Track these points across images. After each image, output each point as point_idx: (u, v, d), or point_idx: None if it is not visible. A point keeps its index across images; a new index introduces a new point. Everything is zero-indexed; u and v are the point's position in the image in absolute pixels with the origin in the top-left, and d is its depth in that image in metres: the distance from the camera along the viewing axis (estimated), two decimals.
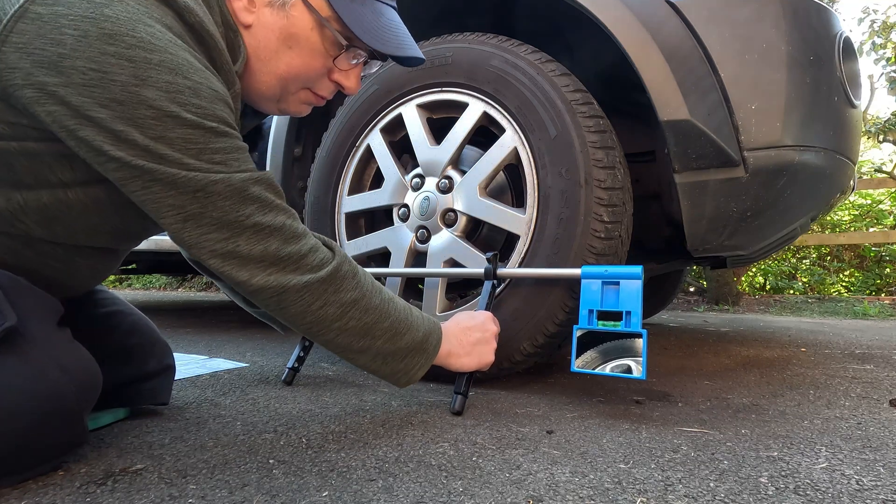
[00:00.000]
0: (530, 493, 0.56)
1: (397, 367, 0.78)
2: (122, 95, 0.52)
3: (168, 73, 0.54)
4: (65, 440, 0.61)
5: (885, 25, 5.67)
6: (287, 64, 0.69)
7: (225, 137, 0.59)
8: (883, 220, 6.04)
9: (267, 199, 0.63)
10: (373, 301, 0.73)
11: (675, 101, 0.99)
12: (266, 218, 0.63)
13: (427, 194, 1.19)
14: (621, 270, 0.90)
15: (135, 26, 0.53)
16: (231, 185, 0.60)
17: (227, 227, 0.60)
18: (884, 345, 1.87)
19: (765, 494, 0.56)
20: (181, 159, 0.56)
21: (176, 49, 0.55)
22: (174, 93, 0.55)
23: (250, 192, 0.61)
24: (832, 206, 1.29)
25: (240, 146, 0.62)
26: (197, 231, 0.60)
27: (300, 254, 0.66)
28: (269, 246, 0.63)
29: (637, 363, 0.85)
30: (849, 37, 1.10)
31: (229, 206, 0.60)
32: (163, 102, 0.54)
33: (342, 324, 0.70)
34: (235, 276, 0.63)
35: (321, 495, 0.55)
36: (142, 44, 0.53)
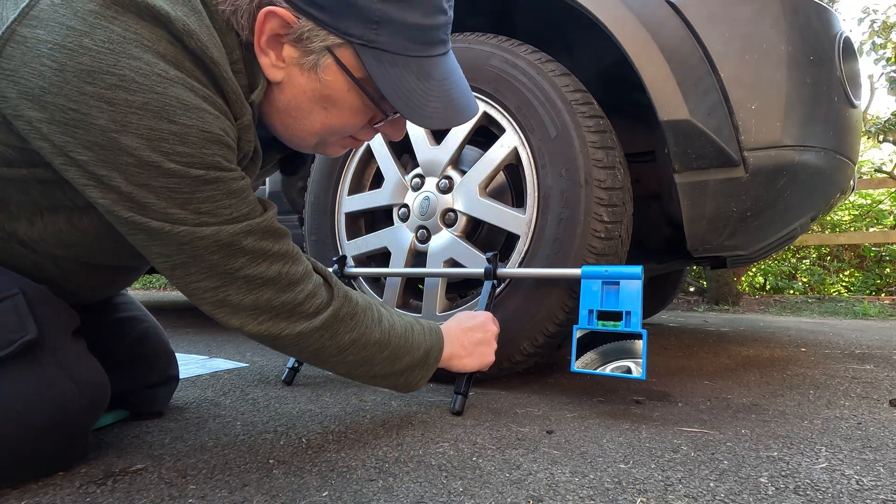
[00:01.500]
0: (530, 493, 0.56)
1: (397, 382, 0.79)
2: (102, 140, 0.48)
3: (151, 118, 0.48)
4: (67, 453, 0.62)
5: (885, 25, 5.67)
6: (322, 123, 0.63)
7: (215, 184, 0.53)
8: (883, 220, 6.04)
9: (260, 249, 0.59)
10: (372, 337, 0.71)
11: (675, 101, 0.99)
12: (258, 269, 0.59)
13: (427, 194, 1.19)
14: (621, 270, 0.90)
15: (117, 61, 0.47)
16: (219, 241, 0.55)
17: (218, 277, 0.57)
18: (884, 345, 1.87)
19: (765, 494, 0.56)
20: (166, 209, 0.52)
21: (164, 86, 0.49)
22: (157, 140, 0.49)
23: (240, 246, 0.57)
24: (832, 206, 1.29)
25: (233, 190, 0.55)
26: (186, 278, 0.57)
27: (295, 302, 0.62)
28: (262, 296, 0.60)
29: (637, 363, 0.85)
30: (849, 37, 1.10)
31: (218, 259, 0.56)
32: (143, 151, 0.49)
33: (340, 358, 0.70)
34: (227, 322, 0.61)
35: (321, 495, 0.55)
36: (123, 83, 0.47)
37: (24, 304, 0.57)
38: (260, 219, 0.59)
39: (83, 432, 0.62)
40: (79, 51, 0.46)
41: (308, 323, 0.64)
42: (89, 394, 0.61)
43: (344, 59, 0.57)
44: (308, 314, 0.64)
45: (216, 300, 0.59)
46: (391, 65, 0.57)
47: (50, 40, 0.46)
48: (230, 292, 0.59)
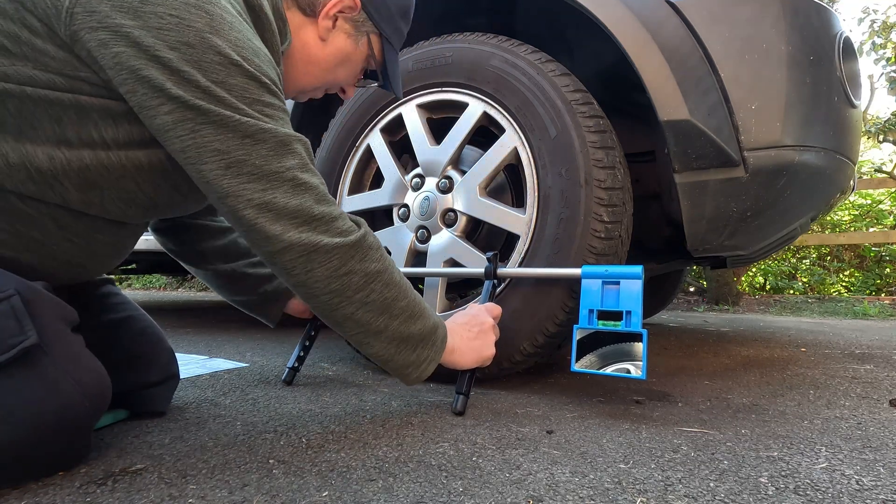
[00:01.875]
0: (530, 493, 0.56)
1: (409, 359, 0.77)
2: (194, 39, 0.57)
3: (237, 32, 0.61)
4: (71, 454, 0.62)
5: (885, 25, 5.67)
6: (335, 74, 0.88)
7: (275, 96, 0.65)
8: (883, 220, 6.04)
9: (307, 159, 0.68)
10: (394, 276, 0.74)
11: (675, 101, 0.99)
12: (304, 175, 0.66)
13: (427, 194, 1.19)
14: (622, 270, 0.90)
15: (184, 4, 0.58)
16: (278, 137, 0.63)
17: (267, 177, 0.63)
18: (884, 345, 1.87)
19: (765, 494, 0.56)
20: (236, 104, 0.60)
21: (241, 20, 0.64)
22: (241, 47, 0.61)
23: (293, 148, 0.65)
24: (832, 206, 1.29)
25: (284, 108, 0.67)
26: (237, 179, 0.61)
27: (332, 216, 0.68)
28: (305, 202, 0.65)
29: (637, 363, 0.85)
30: (849, 37, 1.10)
31: (273, 156, 0.63)
32: (230, 51, 0.60)
33: (364, 295, 0.70)
34: (268, 229, 0.63)
35: (321, 495, 0.55)
36: (219, 4, 0.60)
37: (22, 306, 0.57)
38: (303, 137, 0.68)
39: (86, 433, 0.62)
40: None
41: (343, 239, 0.68)
42: (91, 394, 0.60)
43: (373, 41, 0.88)
44: (342, 231, 0.68)
45: (263, 202, 0.63)
46: (391, 52, 0.90)
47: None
48: (277, 194, 0.63)
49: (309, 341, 1.14)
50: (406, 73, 1.25)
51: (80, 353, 0.62)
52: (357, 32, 0.84)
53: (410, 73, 1.25)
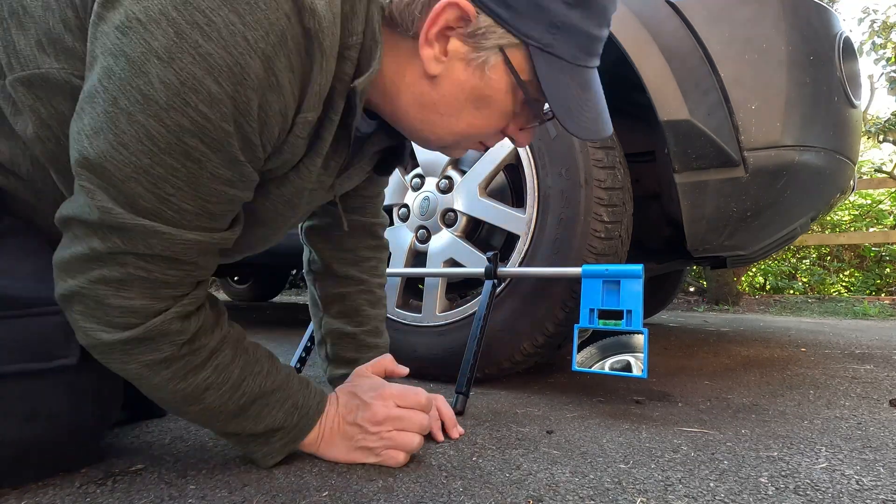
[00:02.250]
0: (530, 493, 0.56)
1: (232, 441, 0.63)
2: (136, 55, 0.43)
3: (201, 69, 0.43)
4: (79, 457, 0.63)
5: (885, 25, 5.67)
6: (468, 123, 0.60)
7: (191, 164, 0.47)
8: (883, 220, 6.04)
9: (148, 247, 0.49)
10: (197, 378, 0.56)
11: (675, 101, 0.99)
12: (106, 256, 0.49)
13: (427, 194, 1.19)
14: (622, 269, 0.90)
15: (220, 7, 0.43)
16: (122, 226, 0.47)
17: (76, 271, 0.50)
18: (884, 345, 1.87)
19: (765, 494, 0.56)
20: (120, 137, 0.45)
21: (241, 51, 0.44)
22: (189, 89, 0.44)
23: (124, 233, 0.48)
24: (832, 206, 1.29)
25: (200, 182, 0.48)
26: None
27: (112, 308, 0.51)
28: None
29: (638, 362, 0.85)
30: (849, 37, 1.10)
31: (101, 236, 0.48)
32: (167, 91, 0.43)
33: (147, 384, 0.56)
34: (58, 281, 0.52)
35: (321, 495, 0.55)
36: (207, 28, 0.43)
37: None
38: (185, 230, 0.49)
39: (99, 438, 0.64)
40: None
41: (99, 332, 0.51)
42: (107, 410, 0.62)
43: (514, 59, 0.55)
44: (115, 324, 0.51)
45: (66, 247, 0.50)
46: (560, 71, 0.55)
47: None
48: None
49: (311, 342, 1.14)
50: None
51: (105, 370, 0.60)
52: (481, 52, 0.54)
53: None
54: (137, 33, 0.43)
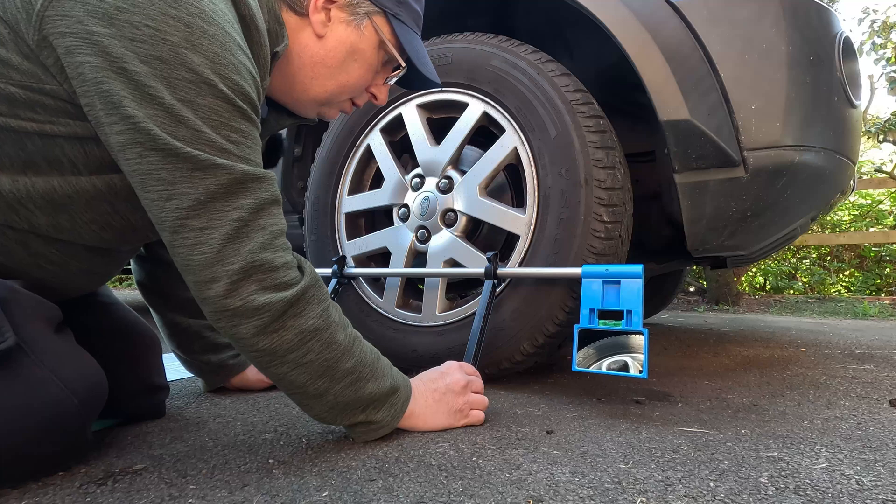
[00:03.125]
0: (530, 493, 0.56)
1: (355, 420, 0.70)
2: (168, 54, 0.53)
3: (219, 46, 0.55)
4: (68, 450, 0.61)
5: (885, 25, 5.67)
6: (348, 74, 0.76)
7: (247, 122, 0.60)
8: (883, 220, 6.04)
9: (263, 196, 0.60)
10: (337, 336, 0.65)
11: (675, 101, 0.99)
12: (252, 217, 0.59)
13: (427, 194, 1.19)
14: (622, 269, 0.90)
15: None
16: (232, 174, 0.57)
17: (209, 215, 0.57)
18: (884, 345, 1.87)
19: (765, 494, 0.56)
20: (199, 127, 0.55)
21: (230, 29, 0.57)
22: (219, 64, 0.55)
23: (248, 187, 0.58)
24: (832, 206, 1.29)
25: (256, 137, 0.61)
26: (177, 213, 0.56)
27: (272, 265, 0.60)
28: (243, 246, 0.58)
29: (638, 362, 0.85)
30: (849, 37, 1.10)
31: (221, 193, 0.56)
32: (206, 70, 0.55)
33: (298, 355, 0.62)
34: (198, 274, 0.58)
35: (321, 495, 0.55)
36: (203, 14, 0.54)
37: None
38: (267, 172, 0.61)
39: (80, 430, 0.60)
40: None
41: (276, 294, 0.60)
42: (80, 391, 0.59)
43: (378, 23, 0.75)
44: (280, 284, 0.60)
45: (199, 241, 0.56)
46: (408, 33, 0.77)
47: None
48: (215, 234, 0.56)
49: None
50: None
51: (65, 350, 0.61)
52: (355, 16, 0.73)
53: None
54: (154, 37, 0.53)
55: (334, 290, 1.23)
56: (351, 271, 1.24)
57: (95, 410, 0.63)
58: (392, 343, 1.20)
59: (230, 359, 1.00)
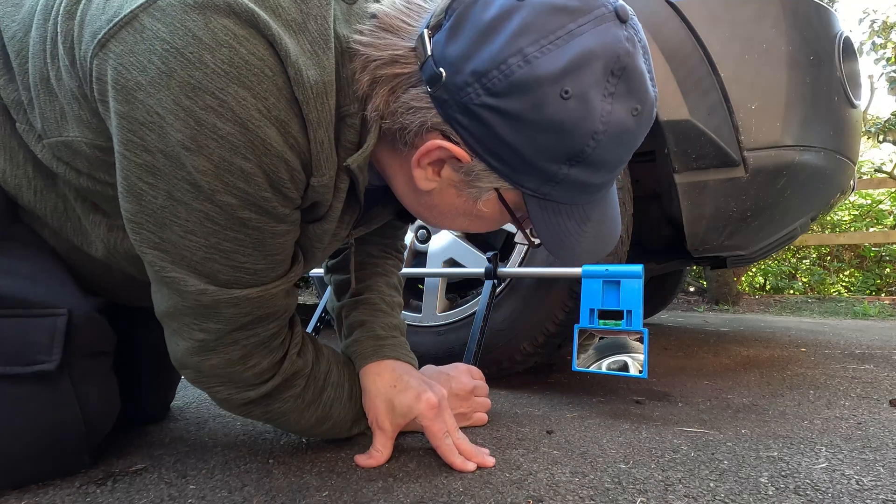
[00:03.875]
0: (530, 493, 0.56)
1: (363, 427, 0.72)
2: (168, 150, 0.45)
3: (228, 150, 0.45)
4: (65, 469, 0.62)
5: (885, 25, 5.67)
6: (463, 227, 0.61)
7: (252, 230, 0.50)
8: (883, 220, 6.04)
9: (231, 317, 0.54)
10: (305, 405, 0.64)
11: (675, 101, 0.99)
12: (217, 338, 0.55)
13: None
14: (622, 269, 0.90)
15: (227, 85, 0.44)
16: (200, 299, 0.52)
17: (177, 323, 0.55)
18: (884, 345, 1.87)
19: (765, 494, 0.56)
20: (186, 234, 0.49)
21: (257, 124, 0.45)
22: (223, 171, 0.46)
23: (216, 310, 0.53)
24: (832, 206, 1.29)
25: (264, 241, 0.52)
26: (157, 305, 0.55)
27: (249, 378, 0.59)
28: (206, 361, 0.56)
29: (638, 362, 0.85)
30: (849, 37, 1.10)
31: (189, 311, 0.53)
32: (206, 176, 0.46)
33: (278, 421, 0.65)
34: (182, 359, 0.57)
35: (321, 495, 0.55)
36: (221, 109, 0.44)
37: (63, 329, 0.57)
38: (267, 285, 0.54)
39: (82, 452, 0.62)
40: (196, 65, 0.43)
41: (240, 394, 0.60)
42: (93, 419, 0.61)
43: (507, 197, 0.54)
44: (247, 387, 0.59)
45: (170, 338, 0.57)
46: (555, 213, 0.53)
47: (169, 40, 0.43)
48: (181, 344, 0.55)
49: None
50: None
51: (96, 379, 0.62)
52: (472, 189, 0.53)
53: None
54: (161, 128, 0.45)
55: None
56: None
57: (102, 435, 0.64)
58: None
59: None
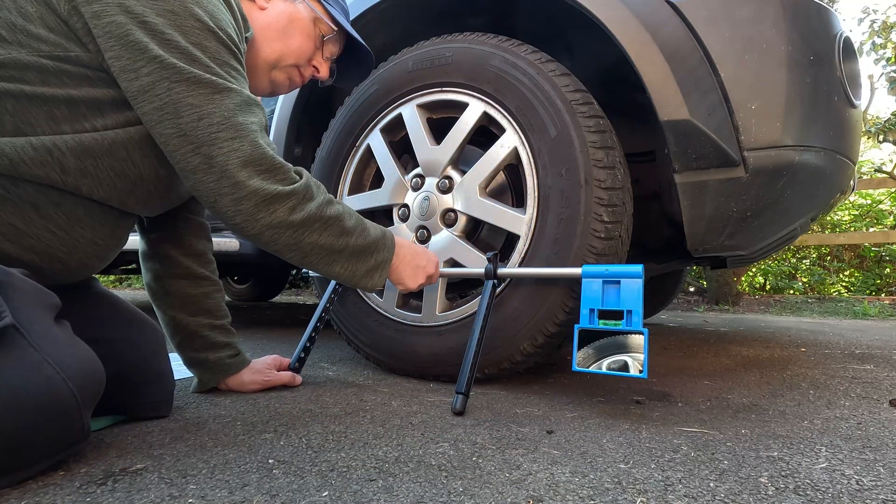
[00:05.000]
0: (530, 493, 0.56)
1: (370, 264, 0.88)
2: (178, 8, 0.69)
3: (213, 7, 0.73)
4: (62, 438, 0.60)
5: (885, 25, 5.67)
6: (291, 38, 0.94)
7: (240, 64, 0.76)
8: (883, 220, 6.04)
9: (263, 120, 0.78)
10: (335, 205, 0.84)
11: (675, 101, 0.99)
12: (262, 133, 0.76)
13: (427, 194, 1.19)
14: (622, 269, 0.90)
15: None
16: (242, 97, 0.74)
17: (236, 128, 0.72)
18: (884, 345, 1.87)
19: (765, 494, 0.56)
20: (209, 64, 0.70)
21: (220, 4, 0.76)
22: (216, 18, 0.72)
23: (254, 110, 0.75)
24: (832, 206, 1.29)
25: (245, 77, 0.78)
26: (209, 129, 0.70)
27: (285, 169, 0.77)
28: (267, 153, 0.74)
29: (638, 362, 0.85)
30: (849, 37, 1.10)
31: (239, 111, 0.72)
32: (207, 20, 0.71)
33: (322, 224, 0.81)
34: (237, 175, 0.71)
35: (321, 495, 0.55)
36: None
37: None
38: (258, 99, 0.78)
39: (76, 416, 0.60)
40: None
41: (293, 186, 0.77)
42: (76, 376, 0.59)
43: (312, 3, 0.97)
44: (292, 179, 0.78)
45: (232, 150, 0.71)
46: (337, 14, 1.00)
47: None
48: (244, 144, 0.72)
49: (310, 342, 1.14)
50: (406, 72, 1.25)
51: (62, 336, 0.61)
52: (293, 2, 0.94)
53: (410, 72, 1.25)
54: None
55: (335, 290, 1.23)
56: None
57: (91, 398, 0.62)
58: (392, 343, 1.20)
59: (228, 358, 1.01)
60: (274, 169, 0.75)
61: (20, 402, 0.55)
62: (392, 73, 1.28)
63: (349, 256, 0.85)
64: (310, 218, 0.79)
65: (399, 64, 1.28)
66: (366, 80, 1.33)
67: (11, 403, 0.54)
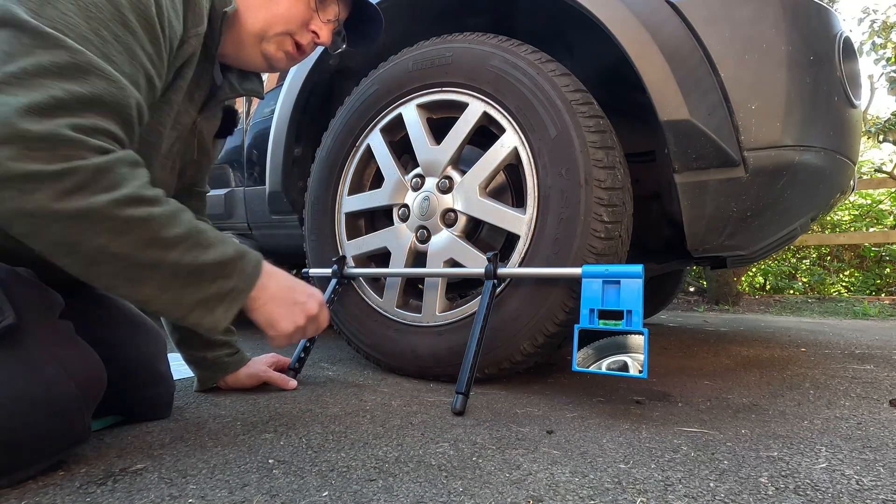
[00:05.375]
0: (530, 493, 0.56)
1: (208, 293, 0.62)
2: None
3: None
4: (64, 437, 0.60)
5: (885, 25, 5.67)
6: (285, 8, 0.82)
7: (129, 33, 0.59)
8: (883, 220, 6.04)
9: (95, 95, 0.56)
10: (153, 210, 0.58)
11: (675, 101, 0.99)
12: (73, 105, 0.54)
13: (427, 194, 1.19)
14: (622, 269, 0.90)
15: None
16: (75, 59, 0.54)
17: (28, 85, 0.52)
18: (884, 345, 1.87)
19: (765, 494, 0.56)
20: (68, 11, 0.54)
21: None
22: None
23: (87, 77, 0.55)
24: (832, 206, 1.29)
25: (135, 52, 0.60)
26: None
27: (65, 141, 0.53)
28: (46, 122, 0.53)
29: (638, 362, 0.85)
30: (849, 37, 1.10)
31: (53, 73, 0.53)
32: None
33: (113, 225, 0.55)
34: None
35: (321, 495, 0.55)
36: None
37: (1, 290, 0.57)
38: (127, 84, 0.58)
39: (78, 416, 0.60)
40: None
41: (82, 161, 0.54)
42: (78, 375, 0.59)
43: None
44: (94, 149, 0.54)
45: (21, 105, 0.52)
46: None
47: None
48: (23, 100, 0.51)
49: (310, 342, 1.14)
50: (406, 72, 1.25)
51: (64, 336, 0.61)
52: None
53: (410, 72, 1.25)
54: None
55: (334, 290, 1.23)
56: (351, 271, 1.24)
57: (94, 397, 0.62)
58: (392, 343, 1.20)
59: (226, 356, 1.02)
60: (42, 140, 0.51)
61: (22, 401, 0.55)
62: (392, 72, 1.28)
63: (169, 277, 0.59)
64: (92, 212, 0.53)
65: (399, 64, 1.28)
66: (366, 81, 1.33)
67: (13, 402, 0.55)
